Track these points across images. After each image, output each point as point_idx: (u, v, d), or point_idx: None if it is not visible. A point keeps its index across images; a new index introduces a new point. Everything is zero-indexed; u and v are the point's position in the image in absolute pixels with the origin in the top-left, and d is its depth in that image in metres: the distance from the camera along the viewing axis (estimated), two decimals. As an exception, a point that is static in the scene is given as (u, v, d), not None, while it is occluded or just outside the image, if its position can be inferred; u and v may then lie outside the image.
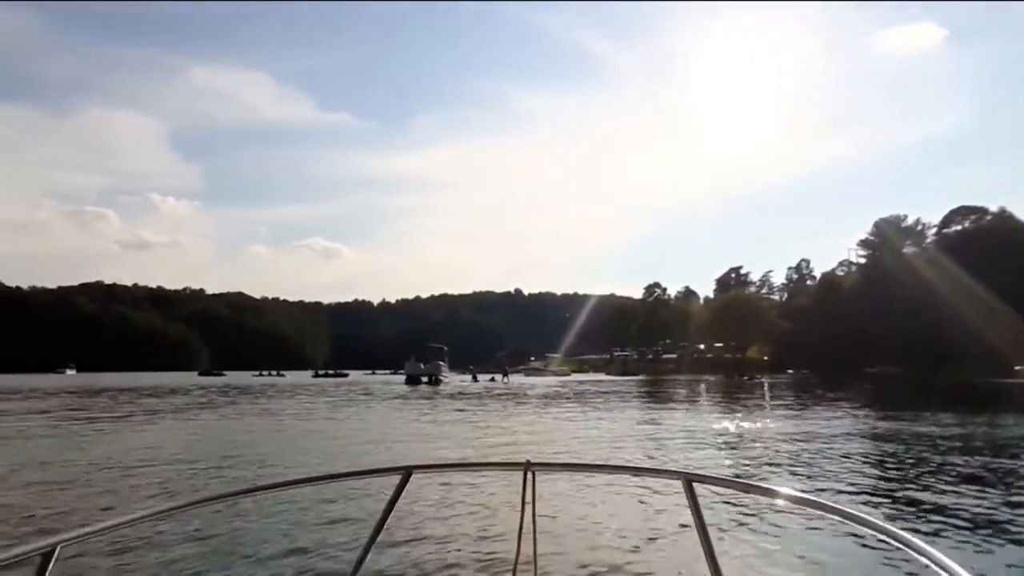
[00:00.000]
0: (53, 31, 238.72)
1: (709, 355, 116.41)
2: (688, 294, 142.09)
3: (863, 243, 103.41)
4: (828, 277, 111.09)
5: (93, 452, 13.83)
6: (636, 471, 3.85)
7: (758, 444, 14.91)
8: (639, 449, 14.31)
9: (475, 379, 74.55)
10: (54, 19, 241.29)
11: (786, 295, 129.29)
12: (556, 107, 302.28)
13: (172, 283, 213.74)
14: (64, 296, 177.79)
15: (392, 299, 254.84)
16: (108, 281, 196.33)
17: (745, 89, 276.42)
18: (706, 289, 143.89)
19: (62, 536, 1.34)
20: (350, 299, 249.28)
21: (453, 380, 67.78)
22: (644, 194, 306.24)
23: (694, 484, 1.70)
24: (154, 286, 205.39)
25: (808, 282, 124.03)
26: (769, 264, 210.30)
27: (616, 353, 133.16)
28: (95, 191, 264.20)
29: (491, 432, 18.05)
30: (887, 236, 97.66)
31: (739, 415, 23.16)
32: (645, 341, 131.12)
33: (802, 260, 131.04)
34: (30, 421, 21.87)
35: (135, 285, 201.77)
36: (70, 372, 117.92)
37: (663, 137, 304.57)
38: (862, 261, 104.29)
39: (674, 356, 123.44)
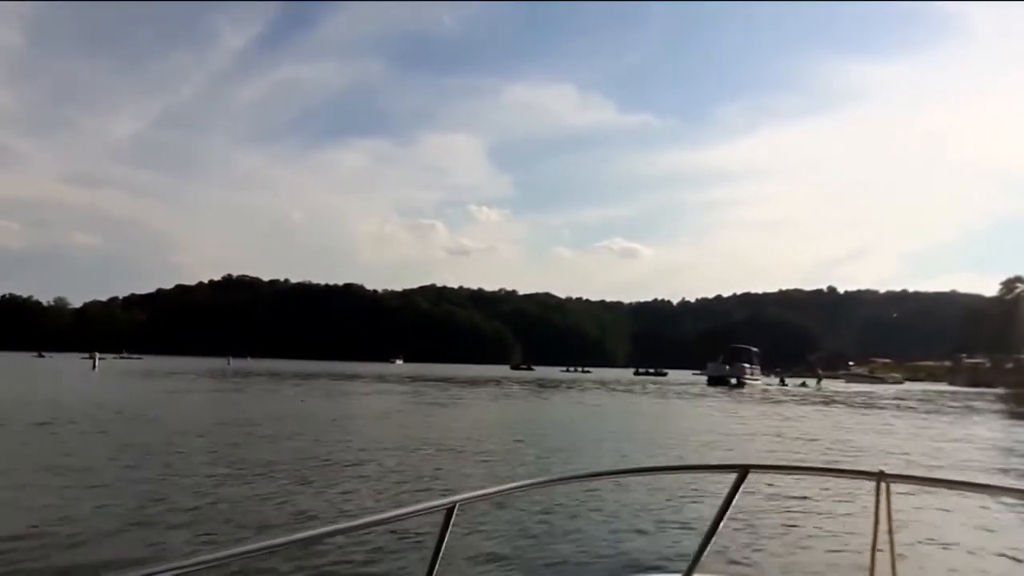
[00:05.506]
0: (400, 74, 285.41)
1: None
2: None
3: None
4: None
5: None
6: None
7: None
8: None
9: (783, 383, 69.85)
10: (399, 63, 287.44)
11: None
12: (883, 77, 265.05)
13: (489, 285, 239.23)
14: (407, 297, 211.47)
15: (691, 298, 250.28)
16: (439, 284, 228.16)
17: None
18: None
19: (461, 496, 1.61)
20: (649, 298, 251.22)
21: (759, 383, 64.39)
22: (998, 171, 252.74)
23: None
24: (474, 288, 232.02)
25: None
26: None
27: (964, 360, 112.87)
28: (430, 205, 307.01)
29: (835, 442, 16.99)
30: None
31: None
32: (1001, 346, 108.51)
33: None
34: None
35: (460, 287, 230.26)
36: (399, 362, 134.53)
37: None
38: None
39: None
